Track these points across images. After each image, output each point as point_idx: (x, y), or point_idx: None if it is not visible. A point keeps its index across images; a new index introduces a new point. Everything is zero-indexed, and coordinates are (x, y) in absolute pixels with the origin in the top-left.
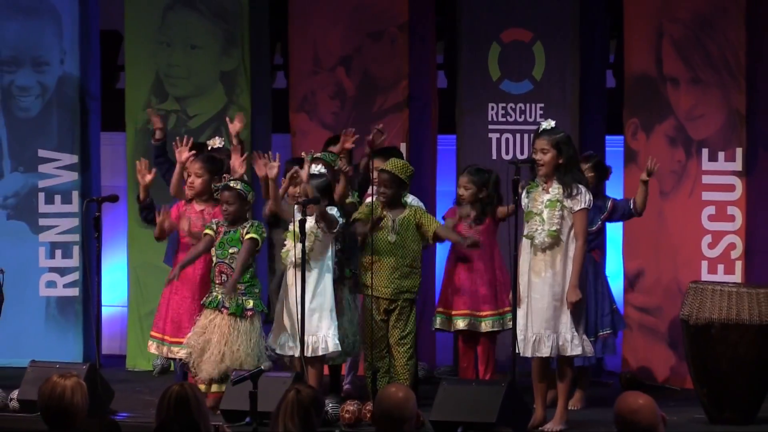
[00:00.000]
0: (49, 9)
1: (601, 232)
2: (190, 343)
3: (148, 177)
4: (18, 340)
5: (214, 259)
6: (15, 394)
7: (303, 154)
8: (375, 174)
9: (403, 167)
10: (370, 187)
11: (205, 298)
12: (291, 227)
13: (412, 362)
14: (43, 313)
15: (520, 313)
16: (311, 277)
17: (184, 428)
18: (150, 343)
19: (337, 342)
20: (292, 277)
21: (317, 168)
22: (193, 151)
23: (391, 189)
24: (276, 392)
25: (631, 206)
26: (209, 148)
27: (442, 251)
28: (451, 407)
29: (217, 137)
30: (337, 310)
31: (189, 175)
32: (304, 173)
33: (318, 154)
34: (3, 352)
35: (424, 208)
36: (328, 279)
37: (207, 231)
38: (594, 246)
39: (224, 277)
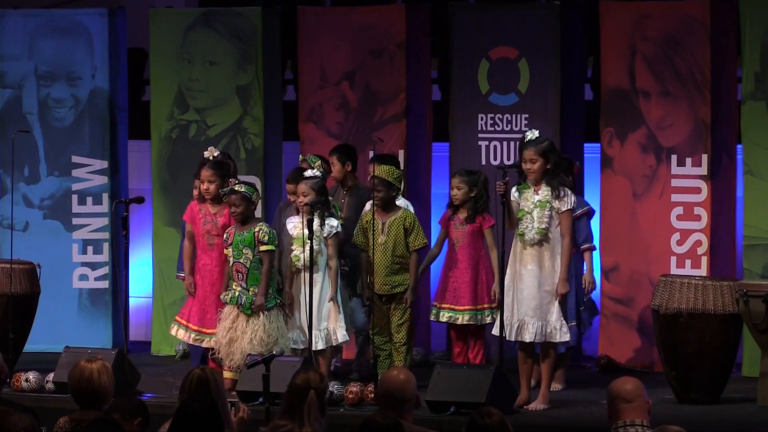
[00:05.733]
0: (81, 29)
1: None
2: (218, 336)
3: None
4: (53, 328)
5: (230, 259)
6: (51, 376)
7: (300, 157)
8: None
9: (389, 170)
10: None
11: (224, 295)
12: (296, 234)
13: (406, 347)
14: (76, 304)
15: (507, 301)
16: (319, 277)
17: (204, 407)
18: (173, 326)
19: (345, 333)
20: (301, 278)
21: (312, 171)
22: None
23: (382, 191)
24: (286, 375)
25: None
26: (205, 157)
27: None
28: (445, 388)
29: (211, 147)
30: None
31: (203, 182)
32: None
33: (309, 156)
34: (40, 338)
35: (412, 211)
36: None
37: (226, 251)
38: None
39: (240, 275)
